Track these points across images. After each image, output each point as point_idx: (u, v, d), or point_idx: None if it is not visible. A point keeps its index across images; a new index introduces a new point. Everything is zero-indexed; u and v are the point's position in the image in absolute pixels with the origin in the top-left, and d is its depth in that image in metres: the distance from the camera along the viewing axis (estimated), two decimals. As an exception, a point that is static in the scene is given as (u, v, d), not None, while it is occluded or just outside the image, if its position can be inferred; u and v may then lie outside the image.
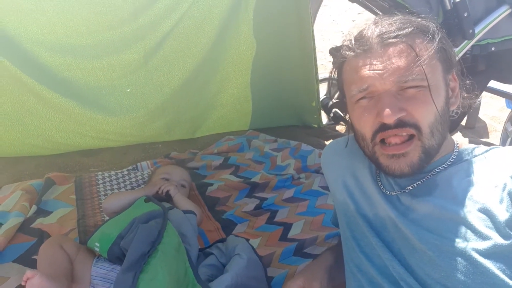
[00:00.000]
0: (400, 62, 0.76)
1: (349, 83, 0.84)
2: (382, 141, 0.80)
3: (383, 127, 0.78)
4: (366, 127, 0.81)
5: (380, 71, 0.77)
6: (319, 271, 1.03)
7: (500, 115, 2.78)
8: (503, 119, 2.58)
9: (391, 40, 0.77)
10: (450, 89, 0.83)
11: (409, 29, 0.78)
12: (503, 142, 2.36)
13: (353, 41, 0.82)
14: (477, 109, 2.67)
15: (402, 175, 0.80)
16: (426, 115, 0.77)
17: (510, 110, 2.33)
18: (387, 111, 0.75)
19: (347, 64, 0.84)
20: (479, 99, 2.48)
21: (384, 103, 0.76)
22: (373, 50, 0.78)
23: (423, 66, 0.75)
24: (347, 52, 0.82)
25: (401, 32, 0.78)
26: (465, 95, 0.86)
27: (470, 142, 2.47)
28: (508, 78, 1.91)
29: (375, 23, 0.81)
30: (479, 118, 2.75)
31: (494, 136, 2.59)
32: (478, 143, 2.46)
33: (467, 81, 0.86)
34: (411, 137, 0.78)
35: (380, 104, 0.77)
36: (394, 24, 0.79)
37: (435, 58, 0.78)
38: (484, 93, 2.40)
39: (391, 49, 0.77)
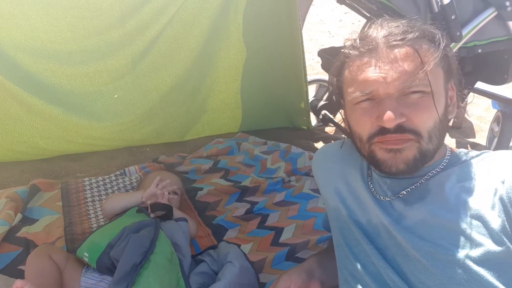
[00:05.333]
0: (405, 66, 0.75)
1: (350, 83, 0.82)
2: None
3: (382, 131, 0.77)
4: (365, 129, 0.81)
5: (384, 75, 0.76)
6: (298, 271, 1.02)
7: (486, 115, 2.81)
8: (489, 119, 2.62)
9: (397, 42, 0.77)
10: (449, 98, 0.83)
11: (416, 34, 0.78)
12: (489, 142, 2.39)
13: (357, 40, 0.81)
14: (463, 110, 2.70)
15: (398, 172, 0.79)
16: (426, 121, 0.77)
17: (496, 110, 2.36)
18: (389, 115, 0.74)
19: (350, 63, 0.82)
20: (466, 100, 2.51)
21: (385, 108, 0.75)
22: (378, 50, 0.77)
23: (427, 73, 0.75)
24: (351, 51, 0.81)
25: (408, 35, 0.77)
26: (461, 104, 0.86)
27: (457, 142, 2.49)
28: (494, 79, 1.93)
29: (381, 25, 0.80)
30: (465, 118, 2.78)
31: (481, 136, 2.62)
32: (465, 143, 2.50)
33: (465, 91, 0.86)
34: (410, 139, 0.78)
35: (382, 108, 0.76)
36: (400, 27, 0.79)
37: (439, 65, 0.78)
38: (470, 94, 2.42)
39: (396, 51, 0.76)
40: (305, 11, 2.58)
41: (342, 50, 0.84)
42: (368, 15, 2.06)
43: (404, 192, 0.84)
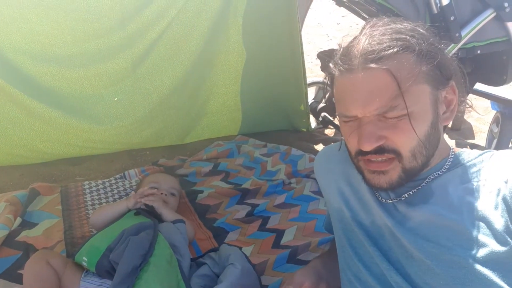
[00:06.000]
0: (381, 92, 0.74)
1: (337, 101, 0.84)
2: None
3: (363, 152, 0.79)
4: (351, 146, 0.83)
5: (361, 102, 0.76)
6: (309, 271, 1.02)
7: (485, 116, 2.82)
8: (488, 121, 2.62)
9: (373, 65, 0.74)
10: (446, 104, 0.82)
11: (395, 49, 0.74)
12: (489, 143, 2.39)
13: (339, 56, 0.80)
14: (462, 111, 2.70)
15: (382, 190, 0.82)
16: (406, 142, 0.76)
17: (495, 111, 2.36)
18: (365, 141, 0.76)
19: (335, 81, 0.83)
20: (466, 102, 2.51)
21: (364, 132, 0.77)
22: (355, 72, 0.76)
23: (406, 94, 0.73)
24: (334, 69, 0.82)
25: (388, 51, 0.74)
26: (465, 106, 0.86)
27: (456, 143, 2.49)
28: (493, 80, 1.94)
29: (368, 35, 0.78)
30: (464, 119, 2.78)
31: (480, 137, 2.62)
32: (464, 144, 2.50)
33: (462, 98, 0.84)
34: (391, 159, 0.78)
35: (361, 131, 0.77)
36: (382, 43, 0.75)
37: (422, 81, 0.76)
38: (470, 95, 2.43)
39: (372, 76, 0.75)
40: (303, 14, 2.59)
41: (328, 64, 0.84)
42: (367, 17, 2.07)
43: (406, 195, 0.83)
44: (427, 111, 0.77)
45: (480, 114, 2.68)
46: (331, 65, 0.83)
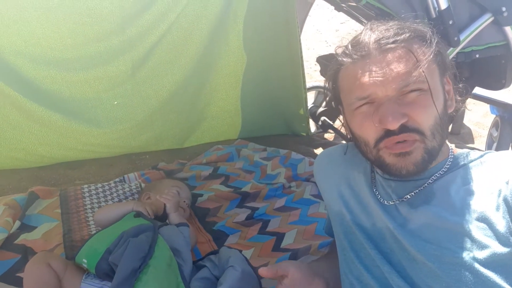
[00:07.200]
0: (400, 67, 0.75)
1: (347, 90, 0.83)
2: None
3: (388, 134, 0.77)
4: (369, 134, 0.80)
5: (381, 78, 0.76)
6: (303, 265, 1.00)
7: (484, 121, 2.83)
8: (487, 125, 2.63)
9: (389, 45, 0.77)
10: (446, 92, 0.83)
11: (407, 34, 0.78)
12: (488, 148, 2.40)
13: (349, 47, 0.81)
14: (461, 116, 2.71)
15: (408, 173, 0.79)
16: (427, 119, 0.77)
17: (494, 115, 2.37)
18: (392, 117, 0.75)
19: (344, 71, 0.83)
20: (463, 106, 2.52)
21: (386, 110, 0.75)
22: (371, 56, 0.77)
23: (423, 70, 0.75)
24: (344, 59, 0.81)
25: (399, 37, 0.77)
26: (458, 98, 0.86)
27: (456, 147, 2.50)
28: (491, 84, 1.95)
29: (371, 29, 0.80)
30: (463, 124, 2.79)
31: (479, 142, 2.63)
32: (465, 148, 2.50)
33: (460, 85, 0.86)
34: (413, 140, 0.78)
35: (382, 110, 0.76)
36: (390, 30, 0.79)
37: (433, 62, 0.79)
38: (468, 100, 2.43)
39: (390, 54, 0.76)
40: (302, 20, 2.61)
41: (336, 58, 0.84)
42: (366, 22, 2.08)
43: (408, 196, 0.83)
44: (439, 89, 0.79)
45: (468, 109, 2.71)
46: (340, 58, 0.82)
